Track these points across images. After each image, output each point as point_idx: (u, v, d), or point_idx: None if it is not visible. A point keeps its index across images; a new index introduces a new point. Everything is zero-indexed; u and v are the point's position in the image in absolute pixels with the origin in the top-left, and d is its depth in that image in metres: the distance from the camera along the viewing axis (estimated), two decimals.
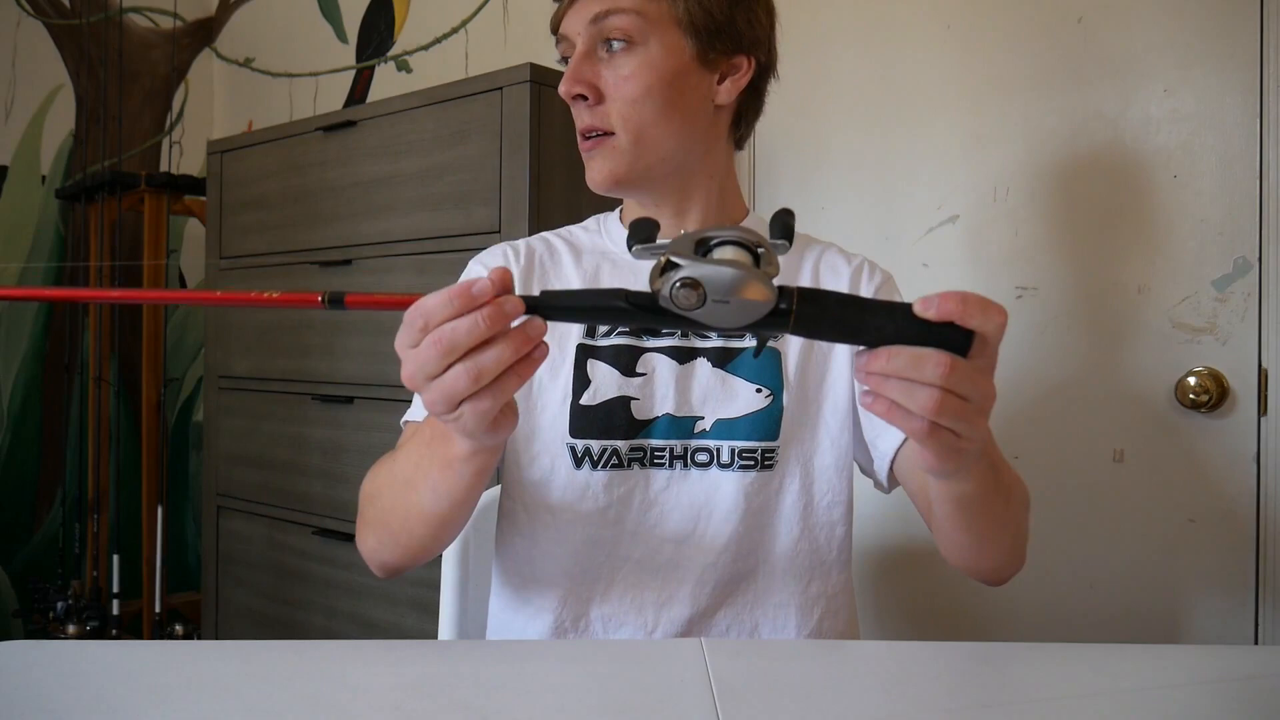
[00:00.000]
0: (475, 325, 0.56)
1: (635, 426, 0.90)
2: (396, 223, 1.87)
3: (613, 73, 0.88)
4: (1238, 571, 1.36)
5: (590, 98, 0.88)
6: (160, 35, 2.85)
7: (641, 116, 0.88)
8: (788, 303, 0.55)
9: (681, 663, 0.70)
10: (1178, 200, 1.40)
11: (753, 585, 0.91)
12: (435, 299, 0.57)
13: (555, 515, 0.91)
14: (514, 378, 0.59)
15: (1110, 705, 0.64)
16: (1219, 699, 0.67)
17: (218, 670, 0.68)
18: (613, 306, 0.57)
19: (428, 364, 0.58)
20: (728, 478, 0.90)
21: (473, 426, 0.61)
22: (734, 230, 0.58)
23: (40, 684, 0.64)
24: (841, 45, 1.71)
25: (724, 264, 0.55)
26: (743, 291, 0.55)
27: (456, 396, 0.59)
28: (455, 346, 0.57)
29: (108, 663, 0.70)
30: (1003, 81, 1.55)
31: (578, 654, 0.77)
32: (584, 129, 0.90)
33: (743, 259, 0.56)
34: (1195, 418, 1.39)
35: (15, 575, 2.57)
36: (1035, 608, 1.50)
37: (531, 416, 0.92)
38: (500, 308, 0.56)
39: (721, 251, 0.57)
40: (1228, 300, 1.36)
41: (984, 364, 0.60)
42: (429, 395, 0.59)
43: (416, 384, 0.60)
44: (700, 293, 0.54)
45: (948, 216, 1.60)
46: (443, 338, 0.57)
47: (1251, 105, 1.34)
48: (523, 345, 0.58)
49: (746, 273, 0.55)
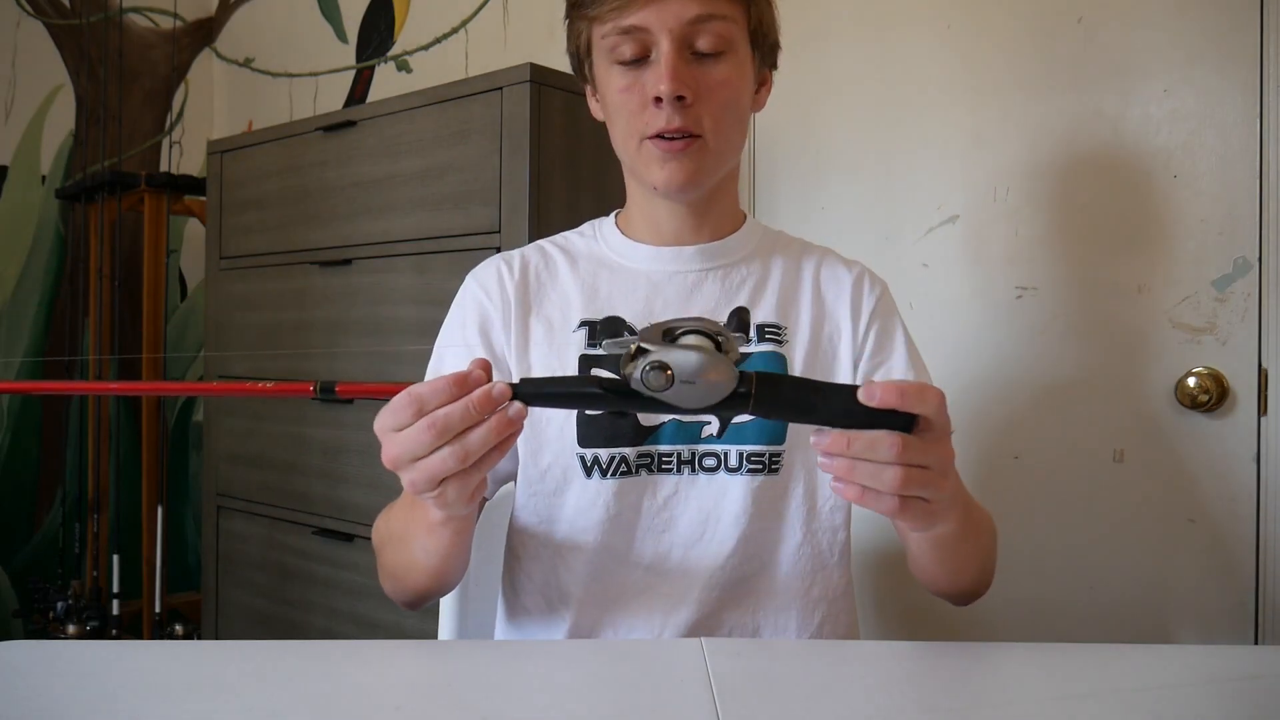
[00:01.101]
0: (467, 411, 0.61)
1: (642, 433, 0.90)
2: (396, 223, 1.87)
3: (707, 77, 0.87)
4: (1238, 571, 1.36)
5: (688, 99, 0.86)
6: (160, 35, 2.85)
7: (729, 123, 0.89)
8: (747, 386, 0.61)
9: (681, 663, 0.70)
10: (1178, 200, 1.40)
11: (757, 588, 0.91)
12: (430, 387, 0.62)
13: (570, 525, 0.91)
14: (495, 455, 0.63)
15: (1110, 705, 0.64)
16: (1219, 699, 0.67)
17: (218, 670, 0.68)
18: (588, 393, 0.62)
19: (419, 447, 0.62)
20: (736, 482, 0.90)
21: (454, 501, 0.65)
22: (697, 320, 0.63)
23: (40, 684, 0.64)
24: (842, 45, 1.71)
25: (690, 349, 0.60)
26: (708, 374, 0.60)
27: (441, 476, 0.63)
28: (448, 430, 0.61)
29: (108, 663, 0.70)
30: (1003, 81, 1.55)
31: (578, 654, 0.77)
32: (674, 129, 0.87)
33: (706, 345, 0.61)
34: (1195, 418, 1.39)
35: (15, 575, 2.57)
36: (1035, 608, 1.50)
37: (539, 430, 0.92)
38: (489, 394, 0.61)
39: (687, 339, 0.62)
40: (1228, 300, 1.36)
41: (934, 435, 0.63)
42: (413, 475, 0.63)
43: (401, 465, 0.64)
44: (669, 375, 0.59)
45: (948, 216, 1.60)
46: (437, 422, 0.61)
47: (1252, 105, 1.34)
48: (505, 429, 0.62)
49: (711, 357, 0.60)
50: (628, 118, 0.90)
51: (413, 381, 0.64)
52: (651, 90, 0.86)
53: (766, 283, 0.97)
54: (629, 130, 0.90)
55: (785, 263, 0.99)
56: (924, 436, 0.62)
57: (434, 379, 0.62)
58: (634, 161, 0.92)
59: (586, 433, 0.90)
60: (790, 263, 0.99)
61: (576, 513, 0.91)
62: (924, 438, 0.62)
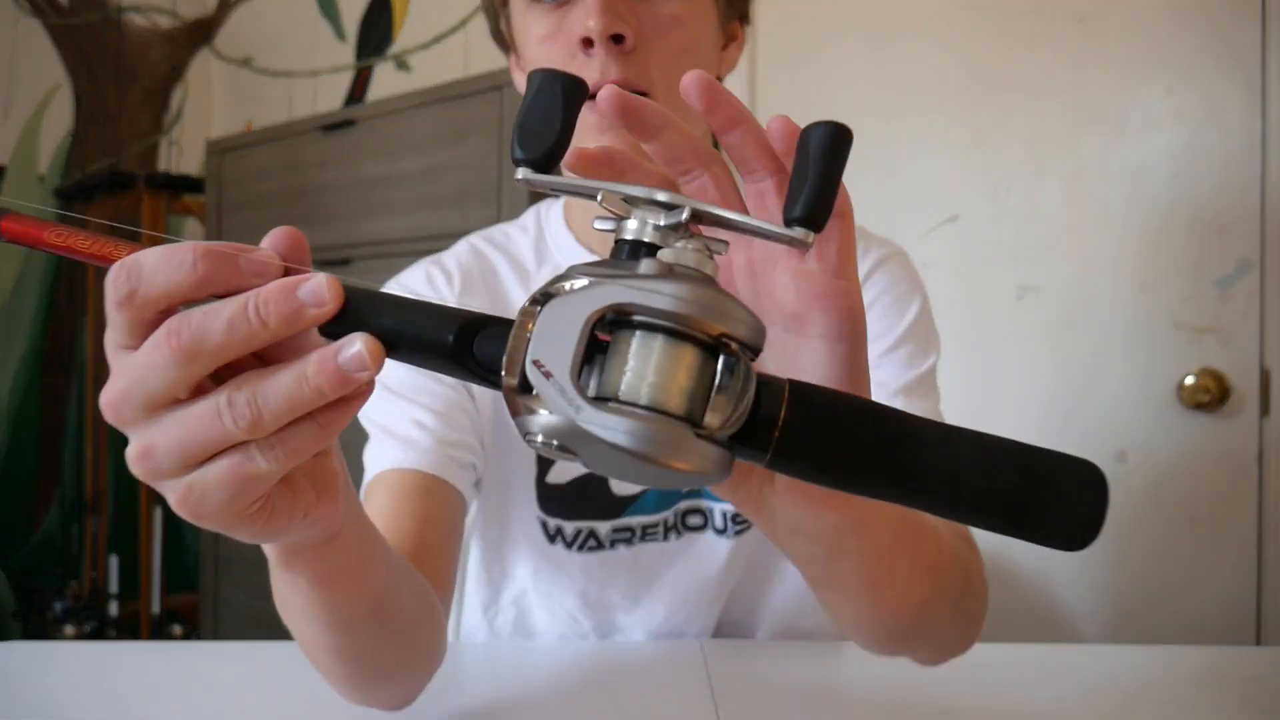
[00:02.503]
0: (246, 320, 0.31)
1: (616, 505, 0.76)
2: (396, 222, 1.87)
3: (654, 13, 0.67)
4: (1239, 571, 1.36)
5: (627, 40, 0.65)
6: (158, 34, 2.84)
7: (680, 74, 0.68)
8: (771, 411, 0.34)
9: (681, 663, 0.69)
10: (1180, 199, 1.40)
11: (745, 627, 0.84)
12: (165, 255, 0.32)
13: (534, 583, 0.80)
14: (311, 430, 0.33)
15: (1110, 705, 0.63)
16: (1219, 699, 0.66)
17: (216, 670, 0.68)
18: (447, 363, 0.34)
19: (150, 378, 0.32)
20: (723, 545, 0.78)
21: (220, 505, 0.33)
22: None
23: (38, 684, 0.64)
24: (842, 45, 1.71)
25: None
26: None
27: (197, 445, 0.32)
28: (202, 350, 0.31)
29: (106, 663, 0.69)
30: (1004, 81, 1.54)
31: (578, 654, 0.77)
32: (613, 82, 0.56)
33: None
34: (1197, 418, 1.39)
35: (14, 576, 2.56)
36: (1035, 608, 1.50)
37: (493, 463, 0.75)
38: (288, 292, 0.32)
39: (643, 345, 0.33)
40: (1230, 300, 1.36)
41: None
42: (142, 438, 0.33)
43: (123, 413, 0.33)
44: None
45: (948, 216, 1.60)
46: (184, 331, 0.31)
47: (1253, 104, 1.34)
48: (340, 382, 0.32)
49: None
50: None
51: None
52: (578, 30, 0.65)
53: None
54: None
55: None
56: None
57: (176, 246, 0.32)
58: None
59: (547, 503, 0.76)
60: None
61: (537, 575, 0.79)
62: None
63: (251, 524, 0.35)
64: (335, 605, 0.46)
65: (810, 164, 0.34)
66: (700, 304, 0.30)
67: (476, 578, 0.83)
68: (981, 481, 0.33)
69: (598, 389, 0.31)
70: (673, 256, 0.32)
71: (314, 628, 0.48)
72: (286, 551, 0.41)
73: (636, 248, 0.33)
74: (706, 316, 0.31)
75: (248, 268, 0.32)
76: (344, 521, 0.41)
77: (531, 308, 0.31)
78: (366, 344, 0.32)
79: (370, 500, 0.68)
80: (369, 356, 0.32)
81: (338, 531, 0.41)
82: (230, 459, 0.33)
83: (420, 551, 0.62)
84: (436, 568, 0.63)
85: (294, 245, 0.35)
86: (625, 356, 0.31)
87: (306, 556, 0.42)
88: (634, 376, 0.31)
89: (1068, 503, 0.34)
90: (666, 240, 0.33)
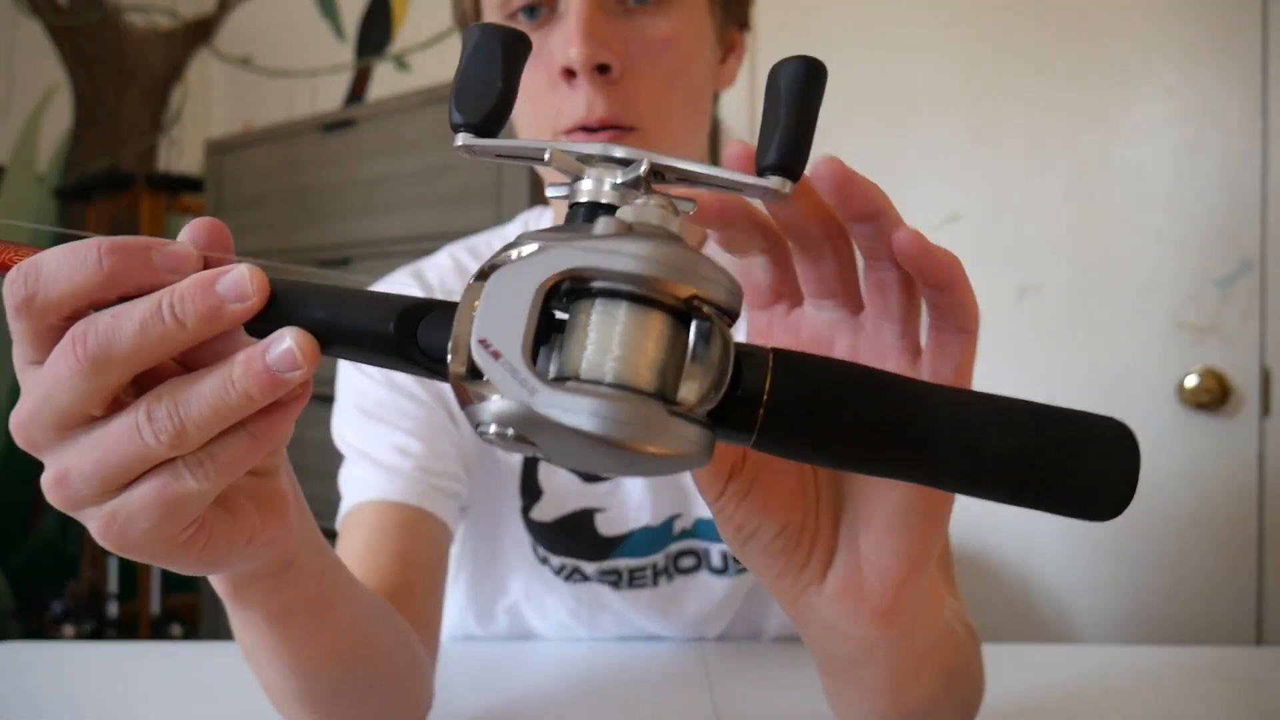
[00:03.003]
0: (160, 321, 0.28)
1: (603, 546, 0.72)
2: (395, 222, 1.86)
3: (642, 34, 0.60)
4: (1239, 572, 1.36)
5: (613, 69, 0.59)
6: (158, 34, 2.84)
7: (676, 105, 0.62)
8: (756, 380, 0.30)
9: (681, 663, 0.69)
10: (1181, 199, 1.40)
11: (751, 634, 0.82)
12: (67, 253, 0.28)
13: (526, 597, 0.77)
14: (244, 442, 0.30)
15: (1110, 705, 0.63)
16: (1219, 699, 0.66)
17: (215, 671, 0.68)
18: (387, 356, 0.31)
19: (58, 393, 0.28)
20: (721, 585, 0.74)
21: (147, 533, 0.30)
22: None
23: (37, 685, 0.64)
24: (842, 45, 1.71)
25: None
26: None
27: (122, 467, 0.29)
28: (112, 357, 0.28)
29: (105, 664, 0.69)
30: (1004, 80, 1.54)
31: (577, 654, 0.76)
32: (597, 121, 0.59)
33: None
34: (1198, 418, 1.39)
35: (12, 576, 2.56)
36: (1035, 608, 1.50)
37: (481, 489, 0.72)
38: (206, 287, 0.28)
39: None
40: (1231, 300, 1.36)
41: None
42: (60, 460, 0.29)
43: (33, 435, 0.29)
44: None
45: (949, 216, 1.60)
46: (90, 337, 0.28)
47: (1254, 103, 1.34)
48: (270, 384, 0.29)
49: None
50: (531, 102, 0.61)
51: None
52: (559, 59, 0.59)
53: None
54: (536, 121, 0.62)
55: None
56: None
57: (79, 242, 0.28)
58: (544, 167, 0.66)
59: (532, 536, 0.73)
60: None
61: (529, 590, 0.75)
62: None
63: (186, 553, 0.31)
64: (296, 644, 0.42)
65: (782, 105, 0.30)
66: (666, 263, 0.27)
67: (467, 593, 0.80)
68: (1001, 445, 0.30)
69: (558, 370, 0.28)
70: (633, 215, 0.29)
71: (276, 671, 0.44)
72: (235, 584, 0.38)
73: (594, 209, 0.30)
74: (674, 277, 0.27)
75: (161, 262, 0.29)
76: (298, 548, 0.38)
77: (477, 283, 0.28)
78: (297, 339, 0.28)
79: (347, 534, 0.64)
80: (301, 354, 0.28)
81: (291, 560, 0.37)
82: (155, 480, 0.29)
83: (403, 592, 0.58)
84: (420, 610, 0.59)
85: (214, 236, 0.31)
86: (585, 329, 0.27)
87: (259, 589, 0.38)
88: (596, 351, 0.27)
89: (1096, 466, 0.30)
90: (626, 199, 0.30)
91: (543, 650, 0.78)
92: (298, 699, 0.46)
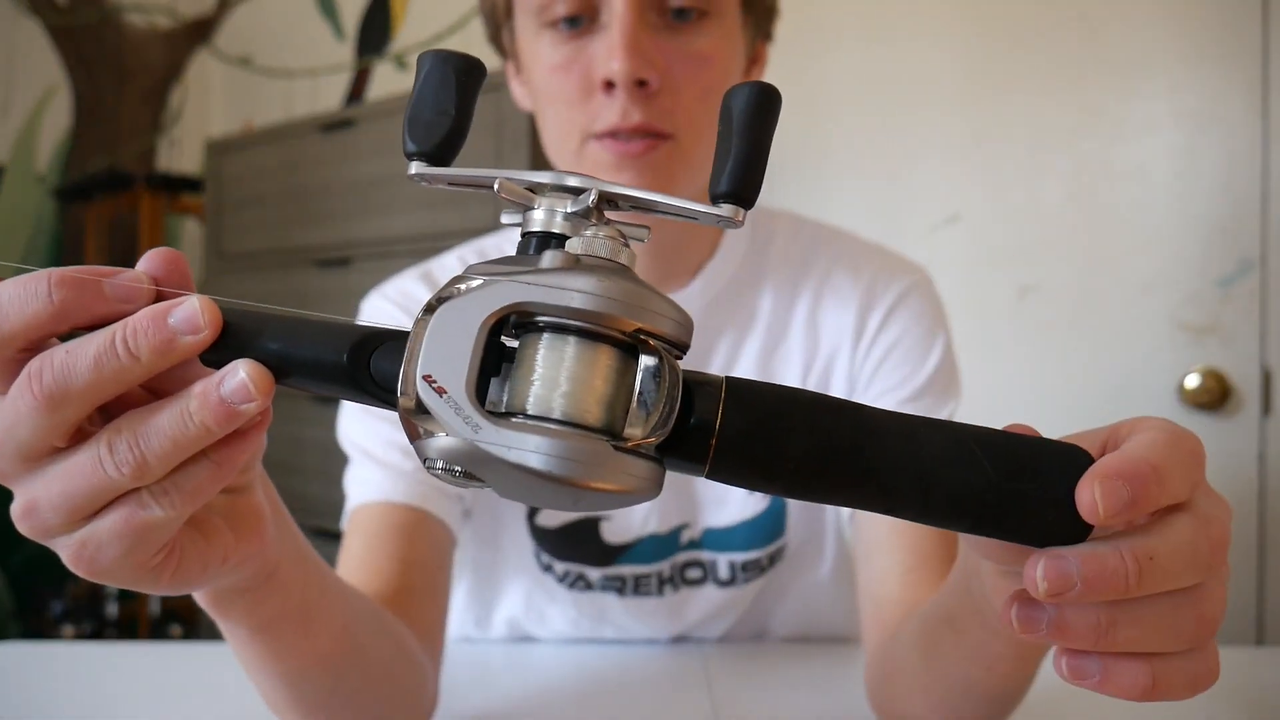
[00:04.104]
0: (115, 356, 0.28)
1: (609, 553, 0.72)
2: (395, 222, 1.86)
3: (682, 51, 0.61)
4: (1239, 572, 1.36)
5: (652, 83, 0.60)
6: (157, 34, 2.84)
7: (706, 116, 0.62)
8: (707, 411, 0.30)
9: (681, 663, 0.69)
10: (1181, 198, 1.40)
11: (754, 635, 0.83)
12: (17, 286, 0.28)
13: (526, 608, 0.77)
14: (206, 470, 0.30)
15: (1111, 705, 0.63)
16: (1219, 699, 0.66)
17: (214, 672, 0.68)
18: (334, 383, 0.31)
19: (19, 428, 0.29)
20: (726, 596, 0.75)
21: (117, 560, 0.30)
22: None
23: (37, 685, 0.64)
24: (842, 44, 1.71)
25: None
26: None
27: (88, 498, 0.29)
28: (69, 393, 0.28)
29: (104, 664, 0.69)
30: (1004, 79, 1.54)
31: (577, 654, 0.76)
32: (633, 127, 0.60)
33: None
34: (1198, 418, 1.39)
35: (12, 576, 2.56)
36: None
37: (484, 492, 0.78)
38: (159, 320, 0.28)
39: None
40: (1231, 300, 1.36)
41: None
42: (29, 491, 0.30)
43: (0, 466, 0.30)
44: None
45: (949, 216, 1.60)
46: (45, 374, 0.28)
47: (1255, 103, 1.34)
48: (225, 416, 0.29)
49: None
50: (564, 107, 0.62)
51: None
52: (600, 70, 0.60)
53: (749, 332, 0.73)
54: (566, 125, 0.63)
55: (775, 295, 0.74)
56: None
57: (30, 275, 0.29)
58: (573, 168, 0.63)
59: (537, 543, 0.73)
60: (782, 294, 0.74)
61: (530, 600, 0.76)
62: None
63: (158, 577, 0.32)
64: (283, 654, 0.43)
65: (734, 132, 0.30)
66: (612, 298, 0.27)
67: (466, 601, 0.80)
68: (953, 477, 0.29)
69: (508, 403, 0.28)
70: (581, 246, 0.29)
71: (268, 680, 0.45)
72: (215, 598, 0.38)
73: (545, 240, 0.30)
74: (620, 312, 0.27)
75: (113, 293, 0.29)
76: (279, 561, 0.38)
77: (425, 316, 0.27)
78: (250, 372, 0.29)
79: (350, 536, 0.64)
80: (254, 386, 0.29)
81: (272, 572, 0.38)
82: (122, 509, 0.30)
83: (403, 595, 0.58)
84: (421, 612, 0.59)
85: (170, 266, 0.30)
86: (532, 364, 0.27)
87: (240, 603, 0.39)
88: (543, 386, 0.27)
89: (1055, 495, 0.29)
90: (577, 229, 0.29)
91: (543, 651, 0.78)
92: (292, 706, 0.47)
